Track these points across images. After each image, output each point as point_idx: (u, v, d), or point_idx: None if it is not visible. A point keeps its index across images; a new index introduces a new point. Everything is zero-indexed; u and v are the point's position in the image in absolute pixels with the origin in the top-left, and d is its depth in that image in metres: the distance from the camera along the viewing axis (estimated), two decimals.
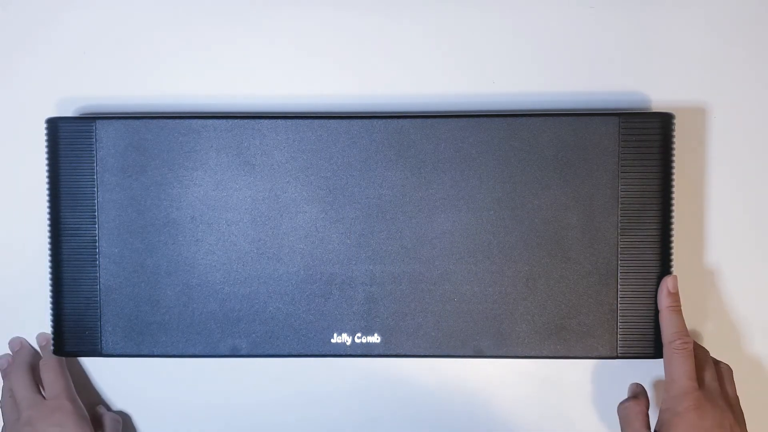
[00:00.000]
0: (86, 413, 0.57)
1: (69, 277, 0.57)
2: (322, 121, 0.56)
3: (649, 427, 0.54)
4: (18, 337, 0.61)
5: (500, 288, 0.56)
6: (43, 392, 0.58)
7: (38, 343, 0.60)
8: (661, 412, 0.53)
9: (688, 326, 0.58)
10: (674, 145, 0.56)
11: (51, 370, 0.58)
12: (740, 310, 0.60)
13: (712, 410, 0.52)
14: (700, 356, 0.55)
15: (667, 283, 0.55)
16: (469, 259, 0.56)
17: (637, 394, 0.57)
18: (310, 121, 0.56)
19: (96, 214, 0.56)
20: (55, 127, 0.56)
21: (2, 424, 0.59)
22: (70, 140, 0.56)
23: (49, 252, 0.57)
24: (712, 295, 0.60)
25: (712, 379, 0.54)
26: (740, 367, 0.59)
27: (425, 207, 0.56)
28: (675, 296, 0.55)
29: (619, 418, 0.56)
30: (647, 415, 0.55)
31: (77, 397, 0.58)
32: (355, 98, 0.60)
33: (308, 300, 0.56)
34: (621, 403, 0.56)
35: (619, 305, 0.56)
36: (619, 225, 0.55)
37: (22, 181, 0.60)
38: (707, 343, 0.59)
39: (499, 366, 0.61)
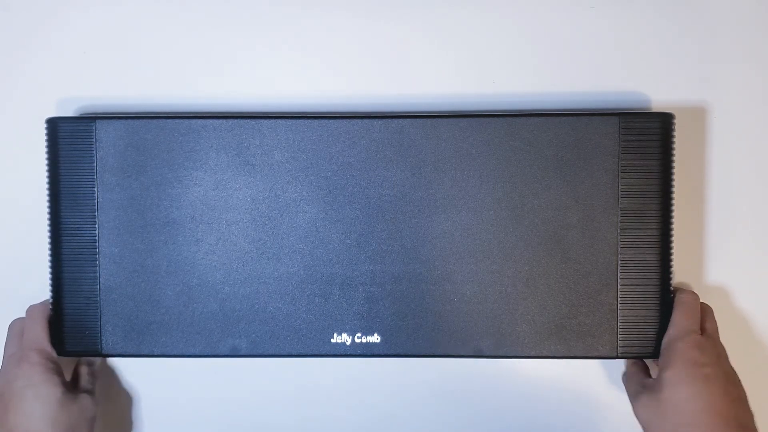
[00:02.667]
0: (56, 365, 0.55)
1: (69, 277, 0.57)
2: (322, 121, 0.56)
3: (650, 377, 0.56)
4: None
5: (500, 288, 0.56)
6: None
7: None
8: (662, 353, 0.54)
9: None
10: (674, 145, 0.56)
11: (29, 316, 0.57)
12: (740, 311, 0.60)
13: (711, 350, 0.53)
14: (704, 308, 0.56)
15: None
16: (469, 259, 0.56)
17: (634, 361, 0.58)
18: (310, 121, 0.56)
19: (96, 214, 0.56)
20: (55, 127, 0.56)
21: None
22: (70, 140, 0.56)
23: (49, 252, 0.57)
24: (712, 295, 0.60)
25: (713, 330, 0.55)
26: (741, 363, 0.59)
27: (425, 207, 0.56)
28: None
29: (624, 385, 0.57)
30: (647, 374, 0.57)
31: (48, 347, 0.55)
32: (355, 98, 0.60)
33: (308, 300, 0.56)
34: (623, 374, 0.58)
35: (619, 305, 0.56)
36: (619, 225, 0.55)
37: (22, 181, 0.60)
38: None
39: (499, 366, 0.61)
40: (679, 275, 0.58)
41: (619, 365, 0.60)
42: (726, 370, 0.53)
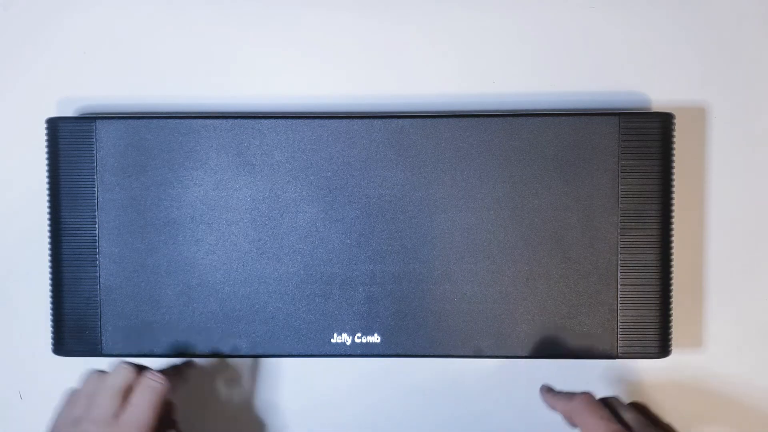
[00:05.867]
0: None
1: (69, 277, 0.57)
2: (322, 121, 0.56)
3: None
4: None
5: (500, 288, 0.56)
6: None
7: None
8: None
9: (689, 325, 0.58)
10: (674, 145, 0.56)
11: (145, 393, 0.50)
12: (740, 310, 0.60)
13: None
14: (613, 403, 0.53)
15: (543, 390, 0.56)
16: (469, 259, 0.56)
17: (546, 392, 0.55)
18: (310, 121, 0.56)
19: (96, 214, 0.56)
20: (55, 127, 0.56)
21: (56, 416, 0.52)
22: (70, 140, 0.56)
23: (49, 252, 0.57)
24: (712, 295, 0.60)
25: (634, 418, 0.51)
26: (740, 368, 0.59)
27: (425, 207, 0.56)
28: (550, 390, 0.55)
29: None
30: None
31: None
32: (355, 98, 0.60)
33: (308, 300, 0.56)
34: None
35: (619, 305, 0.56)
36: (619, 225, 0.55)
37: (22, 181, 0.60)
38: (706, 345, 0.59)
39: (499, 366, 0.61)
40: (678, 275, 0.58)
41: (619, 365, 0.59)
42: None
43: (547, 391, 0.55)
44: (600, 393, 0.60)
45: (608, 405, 0.52)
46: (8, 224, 0.61)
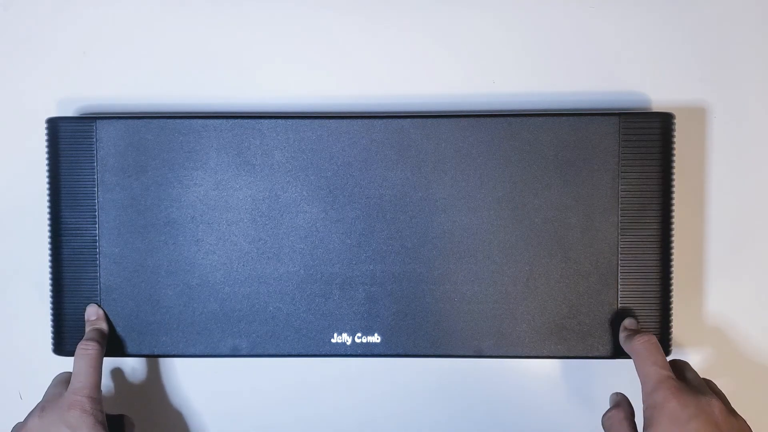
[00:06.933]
0: (105, 419, 0.53)
1: (69, 277, 0.57)
2: (322, 121, 0.56)
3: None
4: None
5: (500, 288, 0.56)
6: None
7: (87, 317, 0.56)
8: (643, 413, 0.50)
9: (690, 325, 0.58)
10: (674, 145, 0.56)
11: (83, 358, 0.53)
12: (740, 310, 0.60)
13: (694, 397, 0.49)
14: (679, 363, 0.54)
15: (625, 323, 0.55)
16: (469, 259, 0.56)
17: (619, 402, 0.54)
18: (310, 121, 0.56)
19: (96, 213, 0.56)
20: (55, 127, 0.56)
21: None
22: (70, 140, 0.56)
23: (49, 252, 0.57)
24: (711, 296, 0.60)
25: (694, 375, 0.53)
26: (740, 367, 0.59)
27: (425, 207, 0.56)
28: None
29: (604, 430, 0.54)
30: (632, 422, 0.53)
31: (101, 397, 0.53)
32: (355, 98, 0.60)
33: (308, 300, 0.56)
34: (604, 414, 0.54)
35: (619, 305, 0.56)
36: (619, 225, 0.55)
37: (22, 181, 0.60)
38: (706, 344, 0.59)
39: (499, 366, 0.61)
40: (678, 275, 0.58)
41: (619, 365, 0.59)
42: (716, 411, 0.49)
43: (623, 329, 0.55)
44: (600, 393, 0.60)
45: (675, 364, 0.53)
46: (8, 224, 0.61)
